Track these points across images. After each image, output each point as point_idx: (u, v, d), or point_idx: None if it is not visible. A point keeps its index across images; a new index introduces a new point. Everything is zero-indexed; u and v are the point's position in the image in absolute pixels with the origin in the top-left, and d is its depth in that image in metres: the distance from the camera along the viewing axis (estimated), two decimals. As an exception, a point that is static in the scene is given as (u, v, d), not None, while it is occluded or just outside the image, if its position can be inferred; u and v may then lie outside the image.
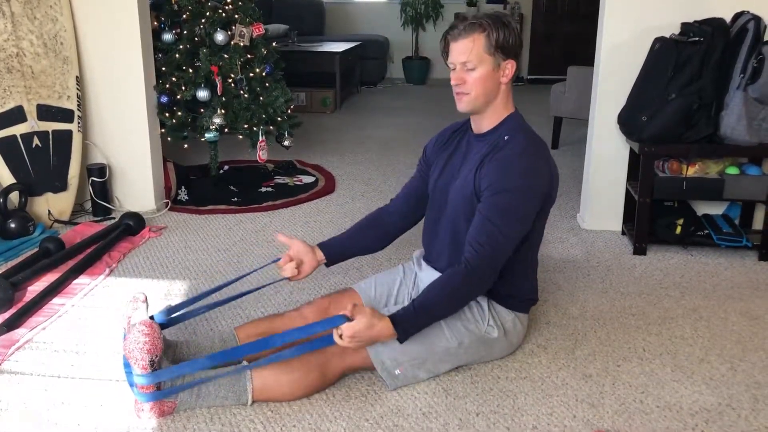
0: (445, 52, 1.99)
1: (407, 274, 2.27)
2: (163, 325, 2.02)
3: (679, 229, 3.04)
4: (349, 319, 1.81)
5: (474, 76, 1.93)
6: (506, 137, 1.97)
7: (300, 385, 1.89)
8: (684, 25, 2.94)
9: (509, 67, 1.95)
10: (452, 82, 1.98)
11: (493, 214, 1.88)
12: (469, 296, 1.96)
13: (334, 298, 2.19)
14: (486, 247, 1.86)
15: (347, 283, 2.67)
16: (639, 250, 3.05)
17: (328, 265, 2.21)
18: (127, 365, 1.84)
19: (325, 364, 1.91)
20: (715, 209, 3.27)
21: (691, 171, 2.96)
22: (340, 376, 1.98)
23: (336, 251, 2.21)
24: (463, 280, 1.88)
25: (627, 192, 3.26)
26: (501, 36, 1.90)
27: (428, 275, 2.14)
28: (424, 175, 2.23)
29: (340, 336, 1.80)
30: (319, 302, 2.16)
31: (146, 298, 2.00)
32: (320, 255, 2.17)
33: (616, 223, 3.33)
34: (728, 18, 2.90)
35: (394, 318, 1.84)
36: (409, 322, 1.86)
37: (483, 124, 2.03)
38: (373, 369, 1.97)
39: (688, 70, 2.84)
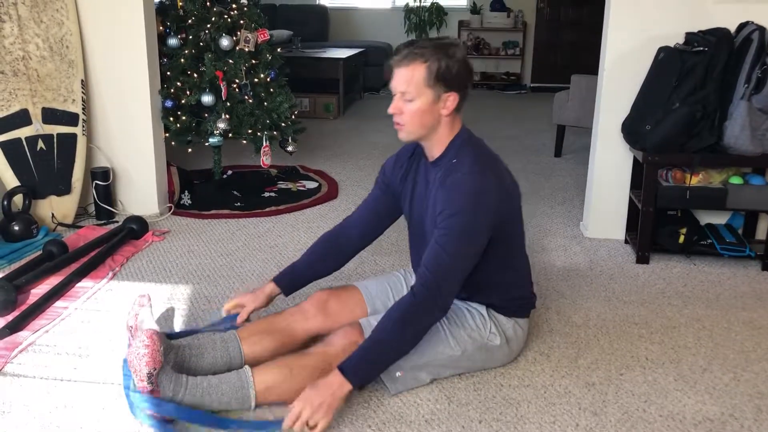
0: (389, 78, 1.91)
1: (408, 279, 2.28)
2: (171, 336, 2.02)
3: (682, 239, 3.04)
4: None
5: (411, 107, 1.87)
6: (454, 160, 1.92)
7: (304, 388, 1.88)
8: (688, 34, 2.95)
9: (451, 100, 1.88)
10: (389, 110, 1.90)
11: (441, 238, 1.84)
12: (422, 323, 1.86)
13: (333, 293, 2.20)
14: (433, 272, 1.83)
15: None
16: (642, 259, 3.05)
17: (286, 295, 2.23)
18: (126, 370, 1.84)
19: (327, 367, 1.90)
20: (719, 219, 3.27)
21: (695, 180, 2.96)
22: None
23: (293, 284, 2.23)
24: (412, 308, 1.83)
25: (630, 201, 3.26)
26: (443, 67, 1.83)
27: None
28: (384, 194, 2.19)
29: (297, 418, 1.75)
30: (318, 295, 2.17)
31: (150, 299, 2.00)
32: (274, 290, 2.19)
33: (619, 231, 3.33)
34: (732, 28, 2.90)
35: (341, 366, 1.80)
36: (358, 365, 1.81)
37: (433, 151, 1.98)
38: None
39: (691, 80, 2.84)
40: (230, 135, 3.83)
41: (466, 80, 1.91)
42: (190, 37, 3.75)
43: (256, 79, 3.82)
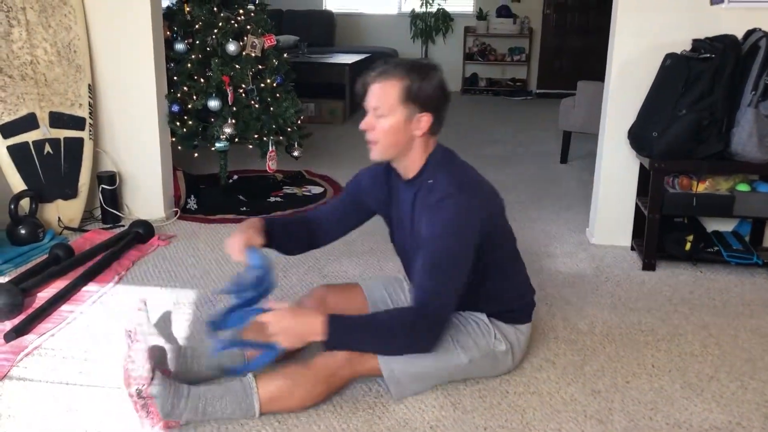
0: (363, 93, 1.90)
1: (406, 283, 2.28)
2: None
3: (688, 246, 3.03)
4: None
5: (383, 124, 1.85)
6: (430, 181, 1.90)
7: (307, 398, 1.89)
8: (695, 41, 2.95)
9: (424, 120, 1.86)
10: (361, 127, 1.89)
11: (428, 265, 1.82)
12: (406, 338, 1.84)
13: (332, 288, 2.20)
14: (429, 298, 1.82)
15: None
16: (648, 266, 3.04)
17: (268, 245, 2.06)
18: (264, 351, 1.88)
19: (332, 376, 1.90)
20: (725, 226, 3.26)
21: (702, 187, 2.95)
22: (347, 384, 1.98)
23: (277, 231, 2.09)
24: (412, 327, 1.82)
25: (636, 207, 3.25)
26: (418, 87, 1.81)
27: None
28: (351, 206, 2.18)
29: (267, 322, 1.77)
30: (317, 291, 2.17)
31: (146, 303, 1.99)
32: (260, 224, 2.04)
33: (625, 238, 3.32)
34: (740, 35, 2.90)
35: (331, 317, 1.79)
36: (342, 332, 1.81)
37: (407, 171, 1.96)
38: (380, 376, 1.96)
39: (699, 87, 2.84)
40: (236, 140, 3.84)
41: (442, 103, 1.89)
42: (197, 42, 3.76)
43: (262, 84, 3.83)
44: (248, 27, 3.81)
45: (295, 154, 4.08)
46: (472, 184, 1.91)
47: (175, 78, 3.72)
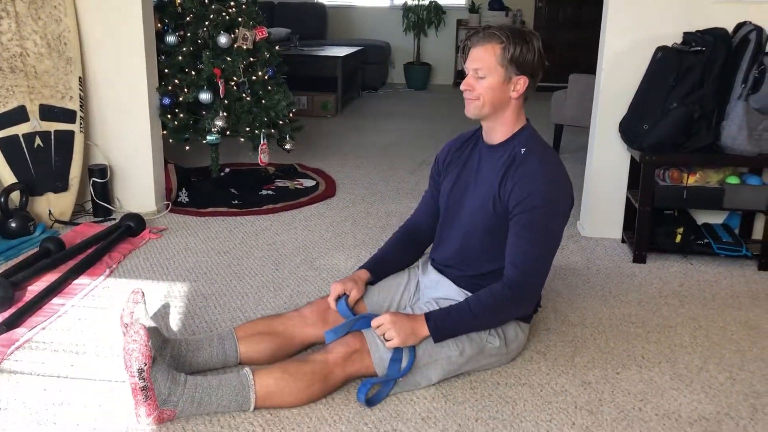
0: (464, 56, 1.99)
1: (411, 280, 2.27)
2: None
3: (678, 238, 3.05)
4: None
5: (483, 84, 1.94)
6: (523, 150, 1.97)
7: (303, 395, 1.89)
8: (686, 34, 2.96)
9: (521, 83, 1.94)
10: (461, 87, 1.99)
11: (526, 232, 1.91)
12: (509, 313, 2.01)
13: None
14: (523, 271, 1.92)
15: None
16: (639, 258, 3.06)
17: (374, 283, 2.23)
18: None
19: (328, 375, 1.91)
20: (715, 218, 3.28)
21: (692, 180, 2.97)
22: (341, 384, 1.97)
23: (382, 272, 2.25)
24: (506, 296, 1.92)
25: (627, 200, 3.26)
26: (518, 51, 1.89)
27: (431, 279, 2.18)
28: (438, 185, 2.23)
29: (380, 325, 1.91)
30: (320, 303, 2.16)
31: (143, 295, 2.00)
32: (366, 276, 2.20)
33: (616, 231, 3.34)
34: (730, 28, 2.91)
35: (428, 315, 1.92)
36: (443, 322, 1.93)
37: (495, 135, 2.03)
38: (374, 375, 1.96)
39: (689, 80, 2.85)
40: (228, 133, 3.83)
41: (539, 68, 1.96)
42: (188, 34, 3.74)
43: (254, 77, 3.81)
44: (240, 19, 3.79)
45: (287, 147, 4.07)
46: (562, 166, 2.02)
47: (166, 70, 3.70)
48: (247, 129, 3.82)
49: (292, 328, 2.10)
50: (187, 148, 3.94)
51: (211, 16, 3.73)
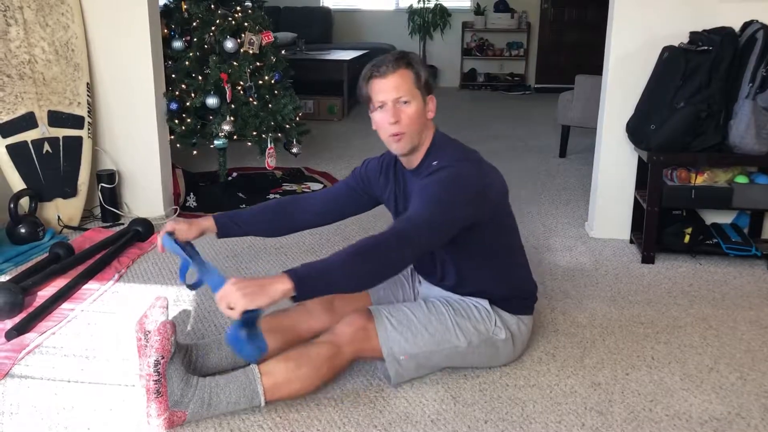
0: (368, 94, 1.93)
1: (413, 280, 2.29)
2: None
3: (687, 238, 3.03)
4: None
5: (409, 110, 1.90)
6: (435, 162, 1.93)
7: (311, 380, 1.89)
8: (692, 34, 2.95)
9: (432, 103, 1.97)
10: (389, 121, 1.89)
11: (417, 202, 1.84)
12: (380, 255, 1.73)
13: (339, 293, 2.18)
14: (405, 221, 1.79)
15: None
16: (647, 259, 3.05)
17: (219, 236, 2.12)
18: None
19: (334, 356, 1.91)
20: (724, 218, 3.26)
21: (700, 180, 2.96)
22: (349, 363, 1.98)
23: (229, 228, 2.12)
24: (384, 235, 1.74)
25: (635, 200, 3.25)
26: (423, 73, 1.94)
27: (427, 289, 2.22)
28: (356, 190, 2.20)
29: (222, 297, 1.64)
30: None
31: (167, 304, 1.99)
32: (207, 224, 2.09)
33: (624, 231, 3.33)
34: (737, 27, 2.90)
35: (290, 270, 1.69)
36: (308, 269, 1.70)
37: (414, 160, 2.00)
38: (381, 358, 1.97)
39: (696, 79, 2.84)
40: (235, 137, 3.84)
41: (433, 86, 2.01)
42: (195, 39, 3.76)
43: (260, 81, 3.82)
44: (246, 24, 3.81)
45: (294, 151, 4.08)
46: (470, 158, 1.96)
47: (173, 76, 3.72)
48: (254, 133, 3.83)
49: (299, 322, 2.11)
50: (195, 152, 3.95)
51: (218, 21, 3.75)
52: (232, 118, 3.74)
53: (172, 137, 3.73)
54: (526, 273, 2.18)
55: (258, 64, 3.85)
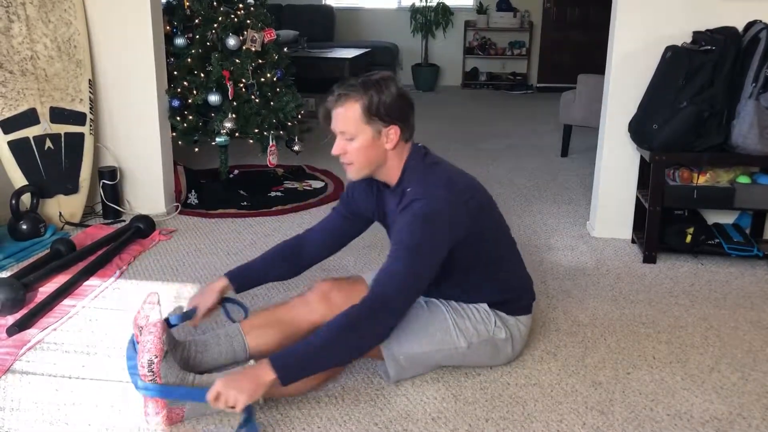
0: (327, 119, 1.91)
1: None
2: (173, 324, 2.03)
3: (689, 238, 3.03)
4: None
5: (354, 146, 1.86)
6: (408, 189, 1.90)
7: (310, 380, 1.88)
8: (695, 33, 2.94)
9: (392, 133, 1.87)
10: (332, 152, 1.90)
11: (392, 252, 1.83)
12: (364, 331, 1.78)
13: (336, 282, 2.16)
14: (381, 284, 1.80)
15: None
16: (649, 259, 3.04)
17: (237, 291, 2.15)
18: (131, 353, 1.83)
19: None
20: (726, 218, 3.26)
21: (702, 179, 2.95)
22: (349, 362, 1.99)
23: (245, 281, 2.16)
24: (359, 310, 1.77)
25: (637, 200, 3.25)
26: (376, 102, 1.82)
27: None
28: (346, 218, 2.19)
29: (217, 396, 1.67)
30: (321, 286, 2.14)
31: (159, 299, 2.00)
32: (222, 285, 2.11)
33: (626, 231, 3.33)
34: (740, 27, 2.89)
35: (272, 357, 1.71)
36: (288, 360, 1.72)
37: (389, 180, 1.98)
38: (381, 359, 1.97)
39: (699, 79, 2.84)
40: (237, 134, 3.84)
41: (406, 111, 1.89)
42: (197, 36, 3.76)
43: (262, 79, 3.82)
44: (248, 21, 3.81)
45: (296, 148, 4.08)
46: (441, 183, 1.90)
47: (175, 73, 3.72)
48: (256, 131, 3.83)
49: (297, 315, 2.09)
50: (196, 150, 3.96)
51: (220, 19, 3.74)
52: (233, 116, 3.74)
53: (174, 134, 3.73)
54: (519, 275, 2.16)
55: (260, 61, 3.84)
